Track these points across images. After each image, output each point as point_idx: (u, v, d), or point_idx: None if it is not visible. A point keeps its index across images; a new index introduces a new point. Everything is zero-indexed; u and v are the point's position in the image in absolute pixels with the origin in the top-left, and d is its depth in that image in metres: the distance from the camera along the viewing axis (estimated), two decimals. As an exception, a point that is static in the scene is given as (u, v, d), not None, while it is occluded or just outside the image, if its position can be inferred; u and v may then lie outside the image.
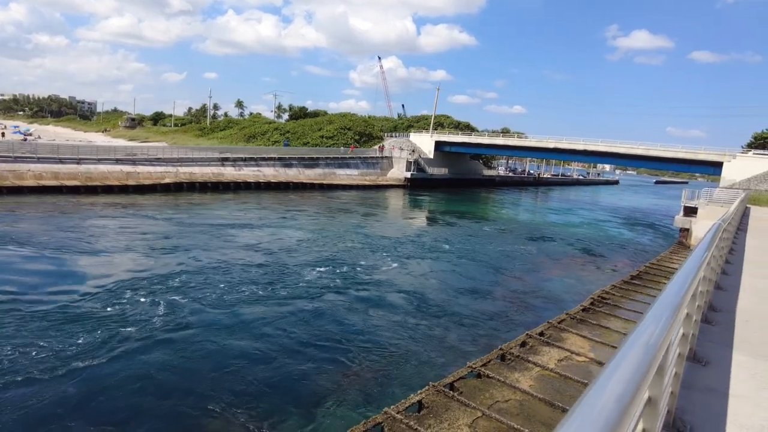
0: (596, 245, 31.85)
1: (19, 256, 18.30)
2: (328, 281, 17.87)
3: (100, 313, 13.00)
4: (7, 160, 33.87)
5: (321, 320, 13.93)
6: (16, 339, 10.98)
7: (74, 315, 12.75)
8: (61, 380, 9.44)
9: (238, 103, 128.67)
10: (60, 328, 11.77)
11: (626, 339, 1.66)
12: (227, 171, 46.14)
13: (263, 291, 16.09)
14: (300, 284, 17.14)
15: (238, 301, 14.90)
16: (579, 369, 9.57)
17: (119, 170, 38.75)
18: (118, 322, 12.40)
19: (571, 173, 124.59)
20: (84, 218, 26.19)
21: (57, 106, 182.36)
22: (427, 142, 68.65)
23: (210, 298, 14.92)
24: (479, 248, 27.25)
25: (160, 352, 11.00)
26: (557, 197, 75.29)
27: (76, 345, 10.93)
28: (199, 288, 15.73)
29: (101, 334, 11.55)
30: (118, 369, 10.10)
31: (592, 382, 1.28)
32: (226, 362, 10.79)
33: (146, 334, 11.78)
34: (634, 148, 52.57)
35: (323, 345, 12.26)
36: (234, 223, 27.98)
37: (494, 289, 19.10)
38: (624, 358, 1.48)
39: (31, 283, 15.18)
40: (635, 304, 14.32)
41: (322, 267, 19.68)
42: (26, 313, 12.66)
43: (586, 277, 22.66)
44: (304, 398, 9.78)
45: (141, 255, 19.61)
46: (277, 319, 13.68)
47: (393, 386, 10.49)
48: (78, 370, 9.83)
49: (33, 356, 10.24)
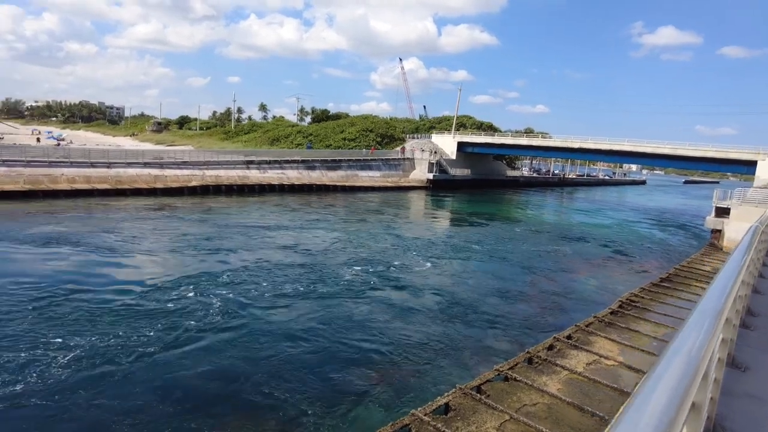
0: (623, 247, 31.24)
1: (76, 256, 19.24)
2: (362, 280, 18.39)
3: (161, 307, 13.99)
4: (42, 164, 35.06)
5: (354, 318, 14.41)
6: (91, 332, 11.93)
7: (138, 310, 13.73)
8: (135, 366, 10.43)
9: (262, 107, 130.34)
10: (127, 322, 12.76)
11: (669, 346, 1.66)
12: (252, 174, 46.79)
13: (303, 288, 16.80)
14: (337, 283, 17.73)
15: (280, 298, 15.70)
16: (608, 373, 9.42)
17: (147, 173, 39.68)
18: (179, 316, 13.39)
19: (596, 173, 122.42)
20: (121, 220, 26.99)
21: (87, 111, 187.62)
22: (449, 143, 68.32)
23: (255, 294, 15.74)
24: (507, 249, 27.08)
25: (216, 342, 11.96)
26: (583, 198, 74.10)
27: (145, 336, 11.91)
28: (245, 285, 16.60)
29: (165, 327, 12.52)
30: (183, 357, 11.05)
31: (636, 390, 1.29)
32: (269, 355, 11.52)
33: (204, 327, 12.79)
34: (661, 147, 51.37)
35: (354, 343, 12.62)
36: (267, 225, 28.65)
37: (521, 291, 18.93)
38: (669, 365, 1.48)
39: (93, 281, 16.17)
40: (666, 307, 14.02)
41: (357, 266, 20.24)
42: (95, 308, 13.66)
43: (613, 279, 22.25)
44: (332, 397, 9.90)
45: (185, 254, 20.49)
46: (315, 316, 14.27)
47: (420, 387, 10.50)
48: (149, 358, 10.82)
49: (108, 346, 11.24)
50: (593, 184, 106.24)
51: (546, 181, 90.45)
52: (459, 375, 10.98)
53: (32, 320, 12.46)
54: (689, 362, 1.52)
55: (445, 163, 65.09)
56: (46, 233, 22.45)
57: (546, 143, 63.59)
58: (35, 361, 10.29)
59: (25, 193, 31.69)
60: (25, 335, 11.54)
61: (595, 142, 56.50)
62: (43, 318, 12.64)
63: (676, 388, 1.31)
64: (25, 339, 11.34)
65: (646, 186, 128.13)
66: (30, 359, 10.34)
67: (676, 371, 1.43)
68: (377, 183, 56.35)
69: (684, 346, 1.64)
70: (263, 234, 25.86)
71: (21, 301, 13.70)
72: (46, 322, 12.40)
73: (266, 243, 23.75)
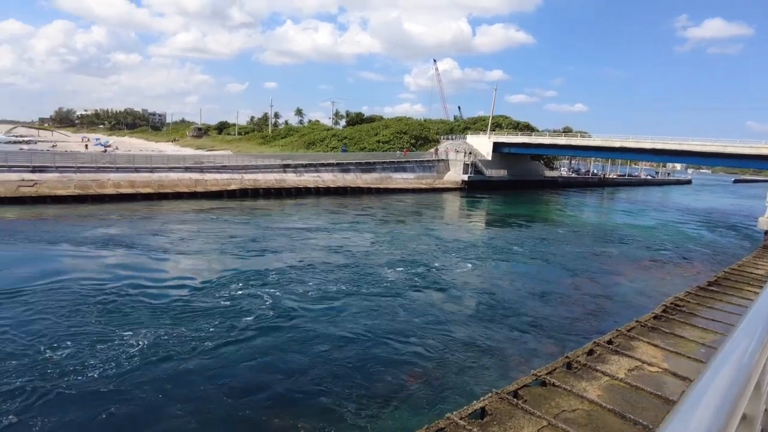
0: (667, 248, 30.07)
1: (132, 257, 20.32)
2: (404, 281, 18.77)
3: (216, 305, 14.83)
4: (91, 170, 36.71)
5: (396, 318, 14.76)
6: (155, 326, 12.80)
7: (196, 307, 14.59)
8: (196, 358, 11.25)
9: (298, 111, 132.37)
10: (187, 318, 13.62)
11: (717, 352, 1.57)
12: (289, 177, 47.55)
13: (347, 288, 17.42)
14: (379, 283, 18.23)
15: (325, 296, 16.33)
16: (652, 380, 9.07)
17: (188, 177, 40.92)
18: (234, 313, 14.17)
19: (638, 173, 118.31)
20: (169, 222, 28.06)
21: (132, 118, 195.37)
22: (484, 144, 67.45)
23: (302, 293, 16.44)
24: (546, 250, 26.62)
25: (268, 338, 12.69)
26: (624, 198, 71.77)
27: (203, 330, 12.75)
28: (293, 285, 17.29)
29: (222, 323, 13.33)
30: (238, 350, 11.84)
31: (681, 399, 1.22)
32: (316, 351, 12.08)
33: (257, 323, 13.52)
34: (708, 144, 49.04)
35: (394, 343, 12.87)
36: (308, 227, 29.40)
37: (560, 293, 18.52)
38: (717, 373, 1.40)
39: (151, 280, 17.14)
40: (714, 312, 13.39)
41: (398, 267, 20.65)
42: (157, 304, 14.60)
43: (657, 282, 21.43)
44: (370, 395, 10.02)
45: (234, 255, 21.37)
46: (358, 315, 14.81)
47: (456, 390, 10.40)
48: (208, 351, 11.62)
49: (172, 339, 12.08)
50: (635, 184, 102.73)
51: (585, 181, 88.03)
52: (496, 379, 10.83)
53: (101, 315, 13.47)
54: (740, 370, 1.42)
55: (481, 164, 64.31)
56: (102, 235, 23.58)
57: (585, 143, 61.85)
58: (109, 351, 11.25)
59: (75, 197, 33.23)
60: (96, 329, 12.50)
61: (637, 141, 54.55)
62: (112, 313, 13.67)
63: (725, 398, 1.23)
64: (97, 332, 12.31)
65: (692, 186, 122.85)
66: (104, 349, 11.29)
67: (724, 380, 1.34)
68: (411, 185, 56.26)
69: (734, 352, 1.54)
70: (305, 235, 26.51)
71: (89, 298, 14.80)
72: (114, 317, 13.42)
73: (309, 244, 24.41)
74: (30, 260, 18.97)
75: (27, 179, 33.25)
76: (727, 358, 1.49)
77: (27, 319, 12.95)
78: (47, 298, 14.51)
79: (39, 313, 13.39)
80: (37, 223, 25.96)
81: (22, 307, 13.81)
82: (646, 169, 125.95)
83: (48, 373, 10.08)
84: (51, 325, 12.54)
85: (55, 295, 14.89)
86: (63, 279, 16.56)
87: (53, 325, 12.54)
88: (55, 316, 13.21)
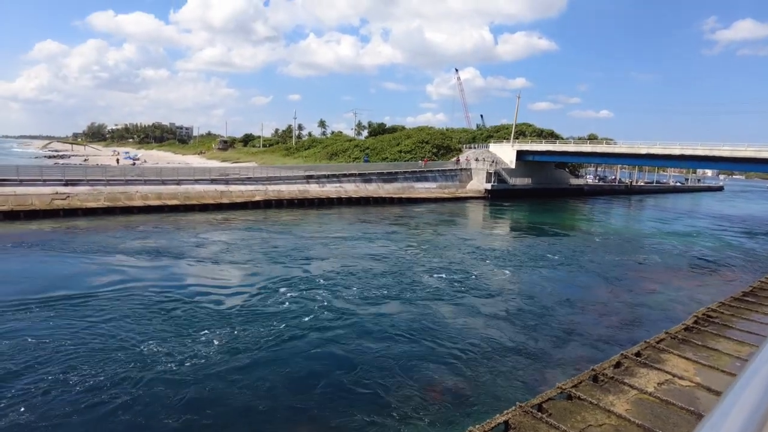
0: (699, 257, 29.15)
1: (185, 267, 21.16)
2: (434, 289, 19.03)
3: (275, 307, 15.96)
4: (120, 183, 37.72)
5: (424, 324, 15.01)
6: (221, 327, 13.98)
7: (253, 310, 15.58)
8: (262, 356, 12.33)
9: (321, 123, 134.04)
10: (247, 320, 14.63)
11: (748, 365, 1.48)
12: (312, 188, 47.97)
13: (387, 293, 18.08)
14: (414, 290, 18.63)
15: (368, 301, 17.07)
16: (683, 394, 8.73)
17: (214, 189, 41.64)
18: (290, 314, 15.37)
19: (667, 180, 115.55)
20: (200, 233, 28.51)
21: (160, 132, 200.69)
22: (507, 152, 66.89)
23: (348, 297, 17.29)
24: (577, 259, 26.20)
25: (319, 338, 13.69)
26: (653, 206, 70.04)
27: (264, 331, 13.81)
28: (340, 288, 18.27)
29: (279, 324, 14.38)
30: (295, 348, 12.90)
31: (708, 415, 1.15)
32: (360, 351, 12.93)
33: (309, 325, 14.55)
34: (740, 150, 47.56)
35: (420, 350, 13.06)
36: (343, 236, 29.91)
37: (589, 303, 18.15)
38: (745, 386, 1.31)
39: (210, 287, 18.06)
40: (750, 324, 12.86)
41: (431, 275, 21.03)
42: (220, 309, 15.59)
43: (688, 291, 20.75)
44: (391, 408, 9.93)
45: (279, 263, 22.07)
46: (395, 319, 15.35)
47: (478, 403, 10.23)
48: (271, 350, 12.71)
49: (238, 339, 13.18)
50: (663, 192, 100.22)
51: (612, 189, 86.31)
52: (520, 391, 10.61)
53: (172, 317, 14.59)
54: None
55: (504, 173, 63.74)
56: (144, 246, 24.25)
57: (611, 149, 60.73)
58: (187, 346, 12.54)
59: (105, 209, 34.14)
60: (170, 328, 13.78)
61: (664, 147, 53.28)
62: (181, 317, 14.68)
63: (755, 412, 1.15)
64: (173, 330, 13.60)
65: (724, 192, 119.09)
66: (182, 345, 12.58)
67: (755, 393, 1.26)
68: (433, 194, 56.05)
69: (765, 364, 1.45)
70: (341, 244, 27.22)
71: (158, 303, 15.80)
72: (185, 319, 14.49)
73: (346, 252, 25.11)
74: (87, 269, 19.78)
75: (60, 192, 34.35)
76: (757, 371, 1.40)
77: (110, 320, 14.13)
78: (119, 303, 15.62)
79: (119, 315, 14.56)
80: (76, 234, 26.79)
81: (98, 310, 14.88)
82: (675, 175, 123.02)
83: (145, 362, 11.53)
84: (131, 326, 13.79)
85: (126, 300, 15.96)
86: (128, 286, 17.48)
87: (132, 326, 13.80)
88: (131, 318, 14.41)
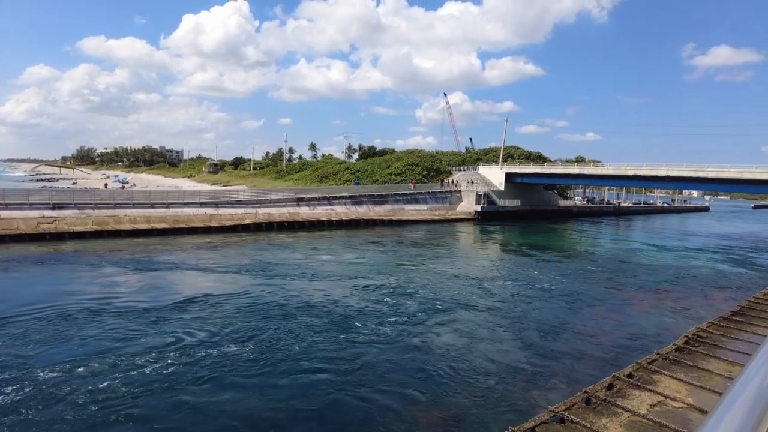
0: (686, 278, 29.35)
1: (209, 282, 22.73)
2: (427, 312, 18.94)
3: (291, 319, 17.39)
4: (108, 206, 37.35)
5: (411, 348, 14.97)
6: (266, 332, 15.52)
7: (294, 319, 17.18)
8: (302, 353, 13.97)
9: (311, 146, 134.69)
10: (285, 326, 16.25)
11: (735, 382, 1.46)
12: (302, 210, 47.89)
13: (376, 320, 17.84)
14: (408, 315, 18.55)
15: (354, 326, 17.04)
16: (676, 416, 8.67)
17: (203, 212, 41.39)
18: (306, 318, 17.48)
19: (654, 201, 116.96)
20: (184, 258, 28.34)
21: (150, 155, 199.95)
22: (497, 174, 67.53)
23: (332, 320, 17.51)
24: (565, 281, 26.10)
25: (301, 365, 13.77)
26: (641, 227, 70.73)
27: (311, 333, 15.65)
28: (324, 314, 18.28)
29: (299, 328, 16.06)
30: (275, 383, 12.79)
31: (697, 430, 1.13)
32: (345, 378, 12.87)
33: (312, 333, 16.00)
34: (724, 171, 48.47)
35: (409, 376, 12.87)
36: (343, 259, 30.55)
37: (578, 325, 18.08)
38: (732, 404, 1.30)
39: (250, 298, 19.80)
40: (739, 343, 12.89)
41: (425, 299, 21.13)
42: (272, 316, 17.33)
43: (677, 312, 20.81)
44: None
45: (284, 282, 23.09)
46: (381, 347, 15.13)
47: (469, 428, 10.04)
48: (315, 351, 14.14)
49: (285, 336, 15.18)
50: (651, 212, 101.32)
51: (600, 210, 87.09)
52: (511, 413, 10.45)
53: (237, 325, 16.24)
54: (758, 398, 1.32)
55: (494, 195, 64.20)
56: (124, 268, 24.26)
57: (598, 171, 61.57)
58: (258, 345, 14.38)
59: (92, 233, 33.75)
60: (232, 332, 15.44)
61: (651, 169, 54.16)
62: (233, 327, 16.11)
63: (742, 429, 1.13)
64: (241, 331, 15.54)
65: (710, 212, 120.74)
66: (239, 346, 14.24)
67: (742, 410, 1.24)
68: (424, 216, 56.19)
69: (752, 380, 1.44)
70: (328, 265, 28.01)
71: (137, 323, 16.36)
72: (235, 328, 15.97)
73: (333, 273, 25.93)
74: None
75: (47, 216, 33.92)
76: (744, 387, 1.39)
77: (193, 325, 16.01)
78: (181, 314, 17.29)
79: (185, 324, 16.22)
80: (85, 255, 26.45)
81: (183, 320, 16.56)
82: (662, 196, 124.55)
83: (229, 358, 13.34)
84: (188, 332, 15.34)
85: (181, 313, 17.45)
86: (211, 299, 19.40)
87: (191, 332, 15.36)
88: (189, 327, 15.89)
